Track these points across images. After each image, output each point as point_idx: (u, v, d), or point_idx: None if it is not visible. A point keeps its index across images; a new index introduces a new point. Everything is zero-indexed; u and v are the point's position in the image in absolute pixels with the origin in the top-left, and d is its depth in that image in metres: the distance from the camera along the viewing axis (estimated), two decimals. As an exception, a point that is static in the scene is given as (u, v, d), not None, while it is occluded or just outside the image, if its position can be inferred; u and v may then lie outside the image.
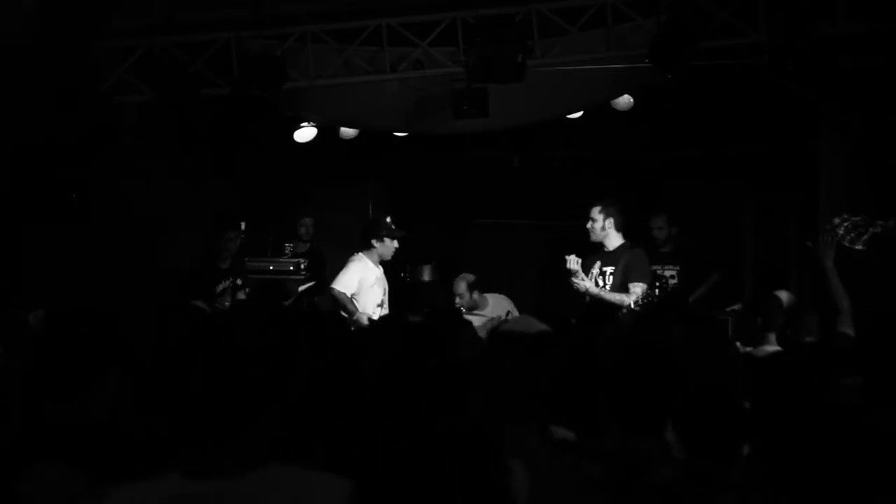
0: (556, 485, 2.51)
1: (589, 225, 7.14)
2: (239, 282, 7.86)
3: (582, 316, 6.71)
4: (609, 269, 7.06)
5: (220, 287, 7.86)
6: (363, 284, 7.41)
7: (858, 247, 5.01)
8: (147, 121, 7.52)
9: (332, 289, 7.42)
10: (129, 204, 8.12)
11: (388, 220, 7.60)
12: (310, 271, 8.26)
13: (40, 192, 7.29)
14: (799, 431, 2.06)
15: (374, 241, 7.49)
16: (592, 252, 7.19)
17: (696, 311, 6.38)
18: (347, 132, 9.48)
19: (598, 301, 6.89)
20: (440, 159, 10.17)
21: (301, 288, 8.10)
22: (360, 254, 7.53)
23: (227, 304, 7.78)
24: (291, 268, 9.67)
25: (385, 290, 7.59)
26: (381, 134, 9.41)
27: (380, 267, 7.56)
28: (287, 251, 9.89)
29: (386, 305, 7.57)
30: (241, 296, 7.85)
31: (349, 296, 7.35)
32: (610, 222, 7.11)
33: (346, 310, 7.24)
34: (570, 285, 6.98)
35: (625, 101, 8.95)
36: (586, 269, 7.07)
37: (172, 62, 7.16)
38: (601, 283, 7.04)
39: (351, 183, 10.57)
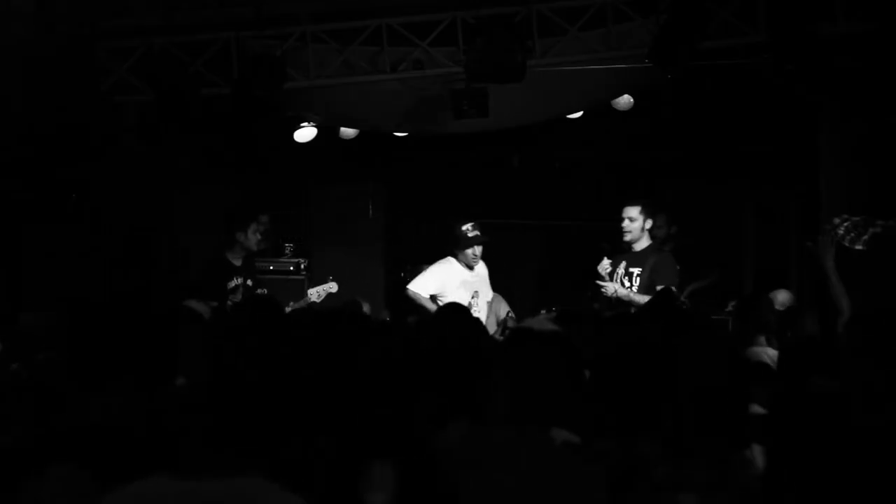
0: (558, 485, 2.52)
1: (625, 224, 7.06)
2: (250, 283, 7.87)
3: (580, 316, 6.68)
4: (636, 270, 6.98)
5: (232, 284, 7.84)
6: (447, 286, 7.58)
7: (858, 247, 5.01)
8: (147, 121, 7.51)
9: (408, 289, 7.70)
10: (129, 204, 8.11)
11: (465, 227, 7.60)
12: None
13: (40, 192, 7.29)
14: (822, 436, 2.05)
15: (456, 251, 7.67)
16: (604, 253, 7.17)
17: (697, 313, 6.39)
18: (347, 132, 9.47)
19: (626, 303, 6.76)
20: (440, 159, 10.16)
21: (312, 291, 8.09)
22: (449, 257, 7.73)
23: (238, 301, 7.75)
24: (291, 268, 9.69)
25: (475, 292, 7.57)
26: (381, 134, 9.41)
27: (470, 270, 7.67)
28: (287, 251, 9.89)
29: (474, 308, 7.48)
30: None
31: (426, 296, 7.56)
32: (649, 223, 7.07)
33: (420, 309, 7.50)
34: (598, 288, 6.94)
35: (625, 101, 8.94)
36: (612, 269, 7.05)
37: (172, 62, 7.16)
38: (627, 284, 6.96)
39: (351, 183, 10.57)
